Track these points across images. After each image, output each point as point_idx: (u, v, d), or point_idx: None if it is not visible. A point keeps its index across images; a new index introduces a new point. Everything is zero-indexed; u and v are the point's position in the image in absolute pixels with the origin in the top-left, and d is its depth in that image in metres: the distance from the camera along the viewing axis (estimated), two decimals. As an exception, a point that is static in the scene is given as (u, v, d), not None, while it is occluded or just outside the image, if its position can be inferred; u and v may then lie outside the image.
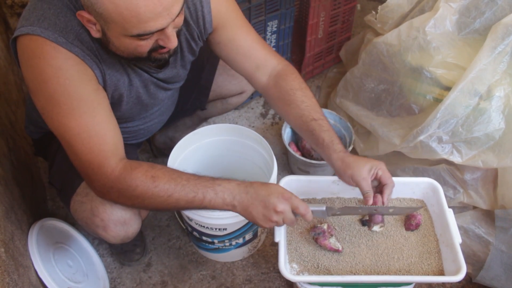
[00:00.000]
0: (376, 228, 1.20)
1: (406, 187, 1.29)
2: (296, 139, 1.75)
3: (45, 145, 1.37)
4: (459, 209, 1.46)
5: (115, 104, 1.17)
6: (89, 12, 0.93)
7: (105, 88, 1.09)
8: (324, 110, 1.76)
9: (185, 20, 1.15)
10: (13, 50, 1.02)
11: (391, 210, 1.12)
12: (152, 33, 0.94)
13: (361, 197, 1.29)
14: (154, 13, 0.90)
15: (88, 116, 1.00)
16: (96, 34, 0.97)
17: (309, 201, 1.29)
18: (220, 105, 1.66)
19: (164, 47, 1.00)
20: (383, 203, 1.11)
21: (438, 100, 1.40)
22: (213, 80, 1.53)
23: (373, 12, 1.65)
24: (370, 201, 1.10)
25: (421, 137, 1.37)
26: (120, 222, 1.17)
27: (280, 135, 1.88)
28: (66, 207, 1.24)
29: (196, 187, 1.02)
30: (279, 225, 1.03)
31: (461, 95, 1.31)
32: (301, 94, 1.23)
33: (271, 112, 2.02)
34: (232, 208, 1.03)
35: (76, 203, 1.18)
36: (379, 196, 1.12)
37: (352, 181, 1.13)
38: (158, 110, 1.37)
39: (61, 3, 0.99)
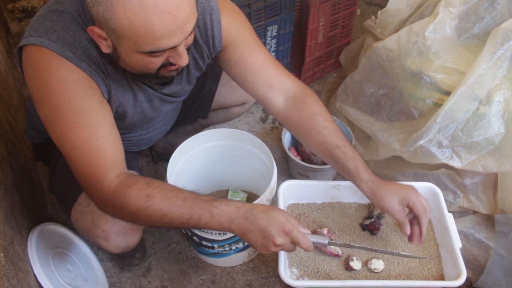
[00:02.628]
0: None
1: (406, 192, 1.29)
2: (296, 143, 1.75)
3: (46, 151, 1.37)
4: (459, 213, 1.46)
5: (119, 118, 1.17)
6: (100, 28, 0.92)
7: (109, 102, 1.09)
8: (324, 114, 1.76)
9: (194, 38, 1.11)
10: (18, 57, 1.02)
11: (395, 253, 1.11)
12: (164, 51, 0.93)
13: (360, 201, 1.30)
14: (168, 30, 0.89)
15: (90, 130, 0.99)
16: (106, 49, 0.97)
17: (309, 206, 1.29)
18: (222, 114, 1.65)
19: (173, 64, 0.99)
20: (420, 233, 1.11)
21: (438, 105, 1.40)
22: (216, 90, 1.53)
23: (373, 17, 1.65)
24: (406, 230, 1.10)
25: (421, 142, 1.37)
26: (122, 233, 1.17)
27: (280, 140, 1.88)
28: (67, 215, 1.24)
29: (191, 209, 0.98)
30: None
31: (460, 100, 1.31)
32: (322, 119, 1.18)
33: (271, 116, 2.02)
34: (229, 231, 1.00)
35: (77, 212, 1.18)
36: (415, 226, 1.12)
37: (386, 211, 1.12)
38: (161, 120, 1.37)
39: (71, 17, 0.99)
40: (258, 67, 1.19)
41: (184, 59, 0.97)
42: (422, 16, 1.52)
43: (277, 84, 1.20)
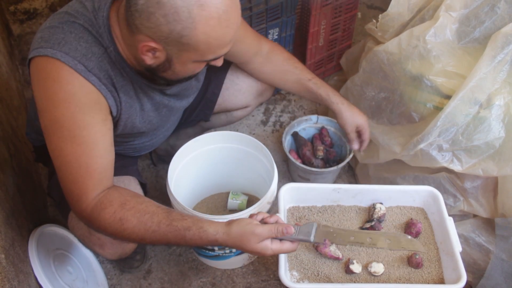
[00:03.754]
0: None
1: (407, 195, 1.29)
2: (297, 147, 1.75)
3: (46, 154, 1.37)
4: (460, 217, 1.46)
5: (128, 130, 1.18)
6: (156, 42, 0.94)
7: (120, 115, 1.10)
8: (324, 117, 1.77)
9: None
10: (28, 66, 1.03)
11: (386, 243, 1.09)
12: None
13: (361, 205, 1.30)
14: (231, 39, 0.97)
15: (85, 148, 1.00)
16: (150, 61, 0.99)
17: (309, 209, 1.29)
18: (225, 117, 1.66)
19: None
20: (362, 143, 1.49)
21: (438, 109, 1.40)
22: (219, 93, 1.54)
23: (374, 21, 1.65)
24: (355, 146, 1.50)
25: (422, 145, 1.37)
26: (117, 241, 1.17)
27: (280, 143, 1.88)
28: (64, 220, 1.24)
29: (166, 236, 0.98)
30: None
31: (461, 104, 1.32)
32: (292, 62, 1.45)
33: (272, 119, 2.03)
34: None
35: (73, 219, 1.18)
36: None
37: (343, 128, 1.47)
38: (165, 129, 1.39)
39: (82, 28, 1.00)
40: (248, 43, 1.37)
41: (222, 60, 1.07)
42: (423, 20, 1.52)
43: (258, 50, 1.42)
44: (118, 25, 1.01)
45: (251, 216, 1.03)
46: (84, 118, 0.99)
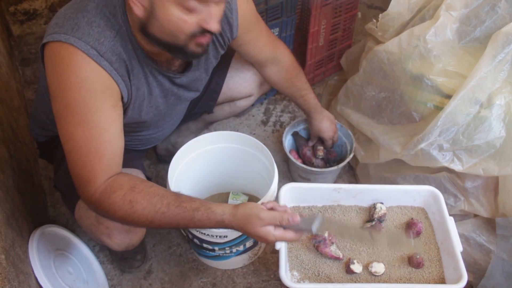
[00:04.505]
0: None
1: (407, 195, 1.29)
2: (297, 146, 1.75)
3: (51, 149, 1.38)
4: (460, 217, 1.45)
5: (136, 116, 1.18)
6: None
7: (130, 99, 1.11)
8: (325, 117, 1.77)
9: None
10: (41, 53, 1.03)
11: (385, 240, 1.09)
12: (201, 2, 0.95)
13: (361, 204, 1.30)
14: None
15: (95, 132, 1.00)
16: (139, 11, 0.98)
17: (310, 209, 1.29)
18: (228, 108, 1.67)
19: (203, 35, 1.01)
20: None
21: (438, 108, 1.40)
22: (223, 84, 1.56)
23: (374, 20, 1.65)
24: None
25: (422, 145, 1.37)
26: (125, 230, 1.17)
27: (281, 143, 1.88)
28: (70, 212, 1.24)
29: (176, 218, 0.99)
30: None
31: (461, 103, 1.31)
32: (298, 78, 1.56)
33: (272, 119, 2.02)
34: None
35: (81, 209, 1.18)
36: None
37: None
38: (172, 119, 1.39)
39: (95, 10, 1.01)
40: (260, 45, 1.40)
41: (215, 23, 0.99)
42: (423, 19, 1.52)
43: (275, 57, 1.47)
44: None
45: (262, 204, 1.03)
46: (95, 103, 1.00)
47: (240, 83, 1.57)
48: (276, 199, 1.26)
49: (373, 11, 2.62)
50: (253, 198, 1.65)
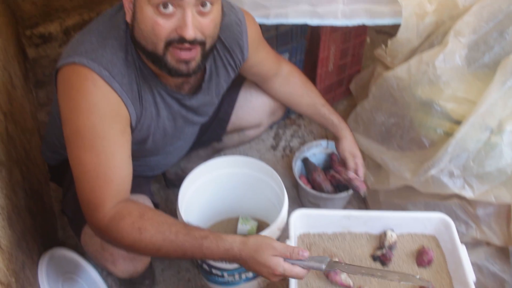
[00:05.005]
0: None
1: (418, 222, 1.28)
2: (307, 172, 1.75)
3: (61, 172, 1.39)
4: (472, 245, 1.43)
5: (143, 138, 1.19)
6: None
7: (139, 121, 1.12)
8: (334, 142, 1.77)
9: (227, 47, 1.23)
10: (54, 78, 1.06)
11: (397, 277, 1.06)
12: (172, 4, 0.94)
13: (371, 232, 1.29)
14: None
15: (104, 157, 1.01)
16: (128, 16, 1.01)
17: (320, 235, 1.28)
18: (237, 137, 1.68)
19: (181, 45, 0.99)
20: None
21: (448, 134, 1.40)
22: (231, 113, 1.56)
23: (383, 46, 1.67)
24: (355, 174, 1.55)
25: (432, 172, 1.37)
26: (130, 257, 1.17)
27: (290, 168, 1.88)
28: (76, 238, 1.25)
29: (184, 246, 0.98)
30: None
31: (472, 130, 1.31)
32: (309, 86, 1.55)
33: (282, 144, 2.03)
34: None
35: (86, 235, 1.19)
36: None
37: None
38: (180, 145, 1.39)
39: (108, 35, 1.04)
40: (269, 65, 1.45)
41: (189, 29, 0.95)
42: (432, 45, 1.53)
43: (278, 71, 1.49)
44: None
45: None
46: (104, 129, 1.01)
47: (249, 112, 1.57)
48: (286, 225, 1.26)
49: (382, 36, 2.64)
50: (262, 224, 1.64)
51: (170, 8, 0.95)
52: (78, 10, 2.79)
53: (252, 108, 1.57)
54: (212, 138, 1.62)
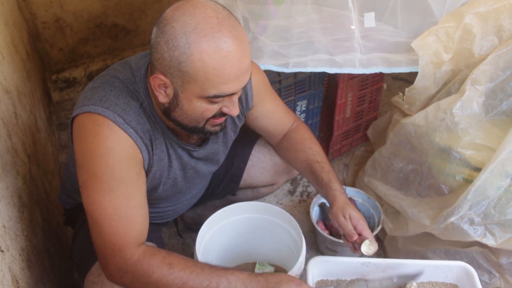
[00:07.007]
0: None
1: (438, 271, 1.25)
2: (324, 217, 1.74)
3: (75, 216, 1.40)
4: (496, 295, 1.39)
5: (154, 186, 1.21)
6: (165, 75, 0.99)
7: (151, 168, 1.14)
8: (352, 188, 1.76)
9: None
10: (70, 126, 1.09)
11: None
12: (225, 96, 1.00)
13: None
14: (235, 76, 0.97)
15: (124, 199, 1.03)
16: (163, 99, 1.03)
17: (338, 282, 1.26)
18: (251, 193, 1.67)
19: (221, 117, 1.07)
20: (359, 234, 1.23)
21: (468, 181, 1.39)
22: (244, 168, 1.56)
23: (400, 94, 1.69)
24: (352, 237, 1.22)
25: (452, 219, 1.35)
26: None
27: (308, 213, 1.87)
28: (81, 284, 1.24)
29: (210, 276, 1.04)
30: None
31: (491, 177, 1.30)
32: (309, 143, 1.40)
33: (299, 189, 2.03)
34: None
35: (89, 283, 1.17)
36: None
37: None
38: (190, 194, 1.40)
39: (122, 86, 1.07)
40: (277, 118, 1.40)
41: (236, 109, 1.04)
42: (449, 93, 1.54)
43: (285, 126, 1.44)
44: None
45: None
46: (121, 172, 1.03)
47: (261, 172, 1.56)
48: (304, 271, 1.24)
49: (399, 82, 2.67)
50: (279, 269, 1.61)
51: (220, 98, 1.01)
52: (102, 56, 2.91)
53: (264, 168, 1.56)
54: (226, 191, 1.62)
